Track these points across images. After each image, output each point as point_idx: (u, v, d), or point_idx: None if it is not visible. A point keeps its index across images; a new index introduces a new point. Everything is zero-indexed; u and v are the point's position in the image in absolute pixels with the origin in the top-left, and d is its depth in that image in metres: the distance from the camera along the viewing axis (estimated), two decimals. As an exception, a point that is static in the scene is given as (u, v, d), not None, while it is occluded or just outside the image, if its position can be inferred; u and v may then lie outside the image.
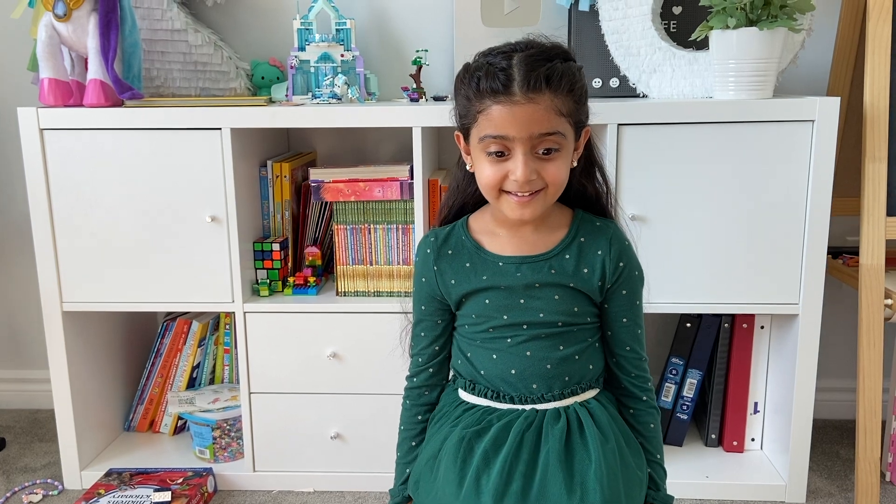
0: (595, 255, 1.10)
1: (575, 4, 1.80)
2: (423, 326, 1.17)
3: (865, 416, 1.64)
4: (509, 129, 1.00)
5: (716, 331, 1.81)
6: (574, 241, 1.10)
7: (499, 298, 1.10)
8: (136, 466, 1.82)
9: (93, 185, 1.67)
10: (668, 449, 1.85)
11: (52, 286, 1.70)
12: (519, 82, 0.99)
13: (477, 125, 1.03)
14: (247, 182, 1.73)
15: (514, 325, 1.09)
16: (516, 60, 1.00)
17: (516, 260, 1.10)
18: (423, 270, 1.15)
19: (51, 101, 1.66)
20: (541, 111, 0.99)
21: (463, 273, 1.11)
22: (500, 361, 1.10)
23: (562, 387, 1.09)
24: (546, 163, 1.02)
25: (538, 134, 1.00)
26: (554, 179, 1.03)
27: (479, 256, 1.11)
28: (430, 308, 1.16)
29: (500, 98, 0.99)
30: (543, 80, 0.99)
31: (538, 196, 1.04)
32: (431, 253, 1.13)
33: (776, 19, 1.51)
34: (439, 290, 1.13)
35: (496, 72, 1.00)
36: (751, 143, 1.56)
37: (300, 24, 1.85)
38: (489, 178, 1.04)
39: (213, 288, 1.70)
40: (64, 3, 1.62)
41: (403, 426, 1.21)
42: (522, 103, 0.99)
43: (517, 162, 1.01)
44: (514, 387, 1.09)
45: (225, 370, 2.00)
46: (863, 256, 1.62)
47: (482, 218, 1.15)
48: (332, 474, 1.78)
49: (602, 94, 1.85)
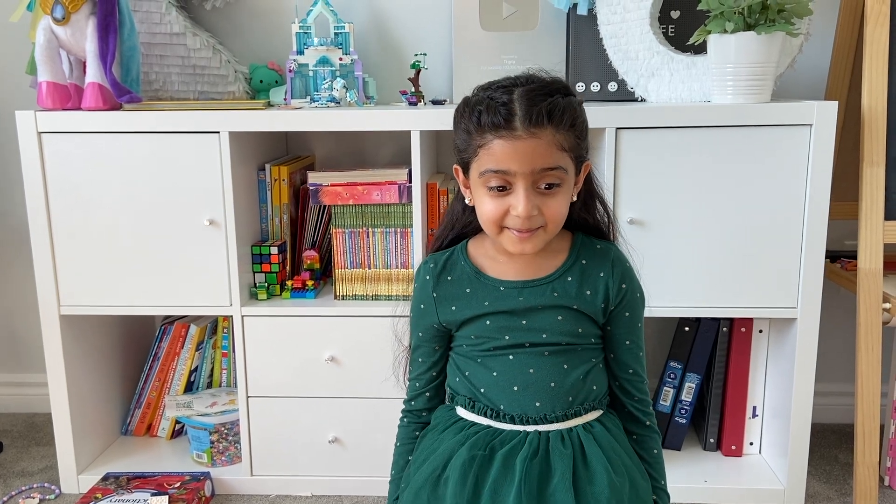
0: (598, 276, 1.09)
1: (573, 8, 1.80)
2: (420, 352, 1.15)
3: (864, 420, 1.64)
4: (511, 163, 0.99)
5: (714, 335, 1.81)
6: (575, 263, 1.10)
7: (500, 321, 1.09)
8: (133, 470, 1.81)
9: (91, 189, 1.66)
10: (666, 453, 1.84)
11: (50, 289, 1.70)
12: (521, 117, 0.99)
13: (477, 159, 1.02)
14: (245, 185, 1.73)
15: (517, 346, 1.08)
16: (517, 95, 1.00)
17: (517, 285, 1.09)
18: (421, 297, 1.13)
19: (49, 105, 1.66)
20: (543, 146, 0.99)
21: (464, 299, 1.10)
22: (500, 378, 1.08)
23: (565, 407, 1.07)
24: (547, 198, 1.02)
25: (540, 169, 1.00)
26: (554, 216, 1.03)
27: (479, 282, 1.10)
28: (427, 335, 1.14)
29: (501, 133, 0.99)
30: (546, 114, 0.99)
31: (538, 232, 1.04)
32: (430, 280, 1.12)
33: (774, 23, 1.51)
34: (437, 318, 1.11)
35: (497, 106, 0.99)
36: (749, 147, 1.57)
37: (299, 27, 1.85)
38: (490, 213, 1.03)
39: (211, 291, 1.69)
40: (62, 7, 1.62)
41: (400, 443, 1.20)
42: (524, 138, 0.99)
43: (518, 197, 1.00)
44: (516, 405, 1.07)
45: (223, 374, 1.99)
46: (861, 260, 1.62)
47: (481, 244, 1.14)
48: (330, 478, 1.77)
49: (600, 98, 1.85)
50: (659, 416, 1.85)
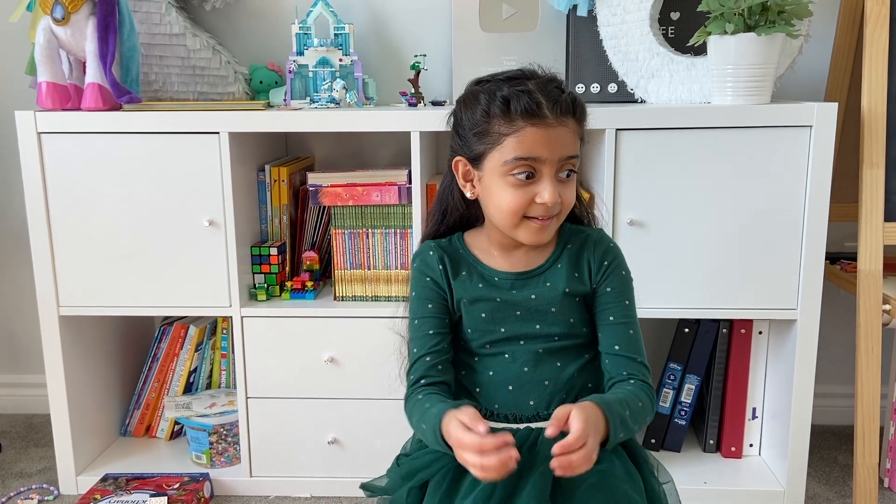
0: (582, 257, 1.12)
1: (573, 10, 1.80)
2: (430, 324, 1.11)
3: (864, 421, 1.64)
4: (542, 150, 1.01)
5: (714, 336, 1.81)
6: (564, 250, 1.12)
7: (494, 311, 1.10)
8: (132, 471, 1.81)
9: (90, 189, 1.66)
10: (665, 455, 1.86)
11: (49, 290, 1.70)
12: (549, 106, 1.01)
13: (500, 148, 1.02)
14: (245, 186, 1.73)
15: (512, 340, 1.09)
16: (534, 86, 1.02)
17: (511, 276, 1.11)
18: (426, 270, 1.13)
19: (48, 105, 1.66)
20: (569, 134, 1.03)
21: (461, 280, 1.12)
22: (496, 378, 1.10)
23: (559, 404, 1.07)
24: (565, 186, 1.05)
25: (566, 156, 1.03)
26: (569, 203, 1.06)
27: (476, 269, 1.12)
28: (436, 306, 1.12)
29: (535, 120, 1.00)
30: (571, 104, 1.02)
31: (553, 220, 1.06)
32: (434, 254, 1.13)
33: (774, 25, 1.51)
34: (445, 287, 1.12)
35: (522, 94, 1.01)
36: (749, 148, 1.57)
37: (299, 28, 1.85)
38: (513, 203, 1.03)
39: (210, 292, 1.69)
40: (62, 7, 1.62)
41: (421, 411, 1.05)
42: (555, 126, 1.01)
43: (545, 185, 1.02)
44: (511, 404, 1.09)
45: (222, 375, 1.99)
46: (861, 262, 1.62)
47: (475, 238, 1.16)
48: (330, 480, 1.77)
49: (600, 99, 1.85)
50: (659, 417, 1.85)
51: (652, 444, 1.86)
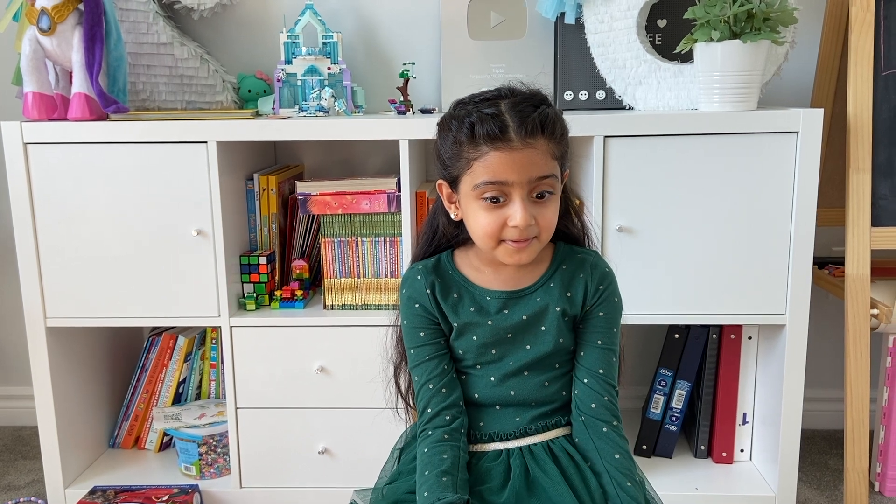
0: (578, 278, 1.11)
1: (561, 17, 1.81)
2: (426, 351, 1.12)
3: (853, 425, 1.65)
4: (508, 174, 1.00)
5: (704, 342, 1.81)
6: (557, 270, 1.12)
7: (486, 335, 1.10)
8: (121, 484, 1.79)
9: (77, 200, 1.65)
10: (657, 461, 1.86)
11: (36, 301, 1.69)
12: (514, 128, 0.99)
13: (470, 172, 1.02)
14: (233, 195, 1.72)
15: (500, 362, 1.10)
16: (505, 107, 1.01)
17: (503, 295, 1.10)
18: (415, 296, 1.12)
19: (35, 115, 1.65)
20: (538, 155, 1.01)
21: (451, 304, 1.11)
22: (482, 400, 1.11)
23: (544, 420, 1.10)
24: (541, 207, 1.03)
25: (536, 178, 1.01)
26: (548, 224, 1.04)
27: (466, 289, 1.12)
28: (428, 332, 1.12)
29: (498, 144, 1.00)
30: (539, 124, 1.00)
31: (532, 242, 1.04)
32: (422, 279, 1.12)
33: (759, 32, 1.52)
34: (436, 312, 1.11)
35: (489, 118, 1.00)
36: (736, 154, 1.57)
37: (287, 37, 1.85)
38: (486, 227, 1.03)
39: (199, 302, 1.68)
40: (48, 17, 1.62)
41: (423, 464, 1.06)
42: (521, 148, 1.00)
43: (516, 207, 1.01)
44: (496, 423, 1.10)
45: (211, 385, 1.98)
46: (848, 266, 1.63)
47: (466, 255, 1.15)
48: (320, 490, 1.76)
49: (588, 106, 1.86)
50: (649, 423, 1.85)
51: (643, 451, 1.86)
